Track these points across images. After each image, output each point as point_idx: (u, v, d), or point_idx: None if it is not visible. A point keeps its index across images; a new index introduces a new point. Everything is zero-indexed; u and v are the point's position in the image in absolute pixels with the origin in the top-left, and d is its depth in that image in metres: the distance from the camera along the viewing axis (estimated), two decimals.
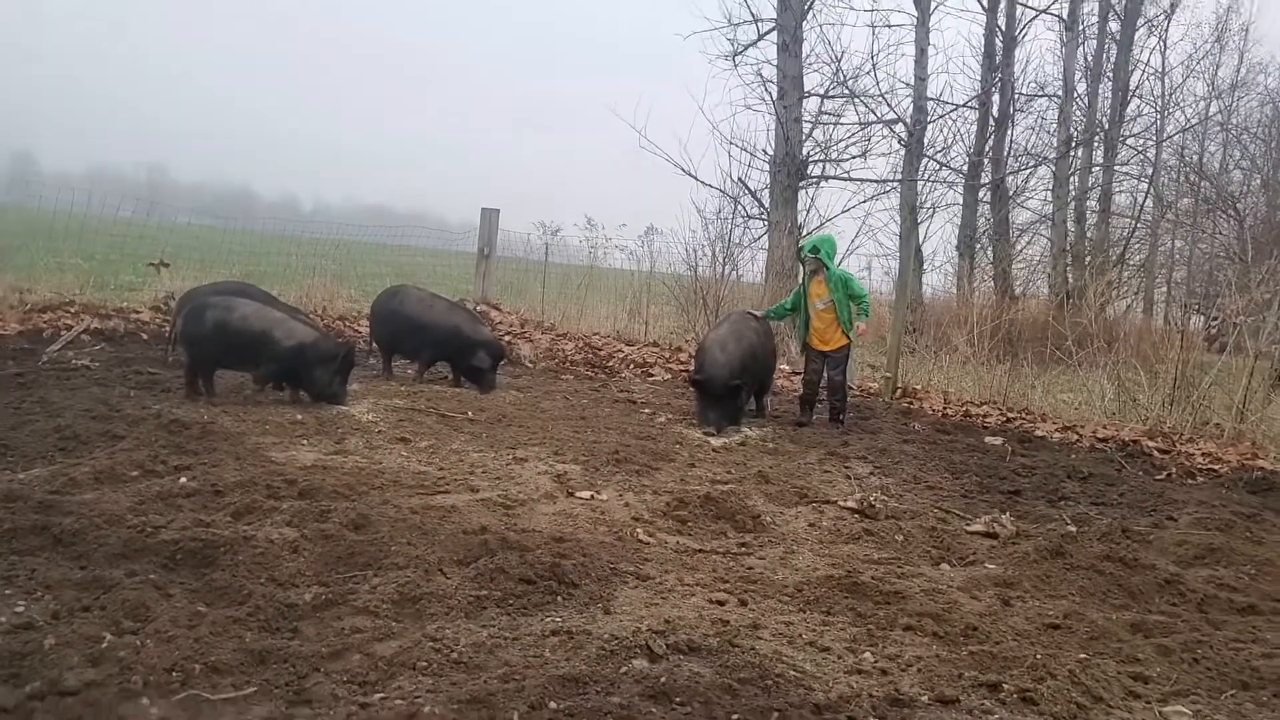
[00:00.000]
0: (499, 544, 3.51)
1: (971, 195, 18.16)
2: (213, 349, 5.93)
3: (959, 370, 10.29)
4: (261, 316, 6.07)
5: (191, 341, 5.95)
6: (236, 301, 6.19)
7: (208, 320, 5.90)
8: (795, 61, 13.94)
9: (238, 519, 3.57)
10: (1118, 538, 4.44)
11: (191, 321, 5.94)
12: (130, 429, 4.73)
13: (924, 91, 15.60)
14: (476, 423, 6.03)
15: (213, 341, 5.89)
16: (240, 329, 5.93)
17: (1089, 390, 9.29)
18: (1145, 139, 20.34)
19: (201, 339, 5.90)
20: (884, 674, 2.82)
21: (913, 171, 15.71)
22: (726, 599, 3.33)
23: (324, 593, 2.98)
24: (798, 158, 13.89)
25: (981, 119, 18.15)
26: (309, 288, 11.24)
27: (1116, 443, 7.46)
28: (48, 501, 3.47)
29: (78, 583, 2.82)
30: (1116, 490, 5.87)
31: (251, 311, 6.08)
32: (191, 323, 5.94)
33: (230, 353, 5.98)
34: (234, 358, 6.05)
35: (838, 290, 7.33)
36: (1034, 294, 17.19)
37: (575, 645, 2.77)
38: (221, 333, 5.88)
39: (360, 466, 4.61)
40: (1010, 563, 4.07)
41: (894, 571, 3.83)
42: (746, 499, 4.68)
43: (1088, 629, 3.28)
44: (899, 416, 8.09)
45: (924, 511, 4.90)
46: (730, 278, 12.69)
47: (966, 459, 6.45)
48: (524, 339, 10.36)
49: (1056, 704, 2.67)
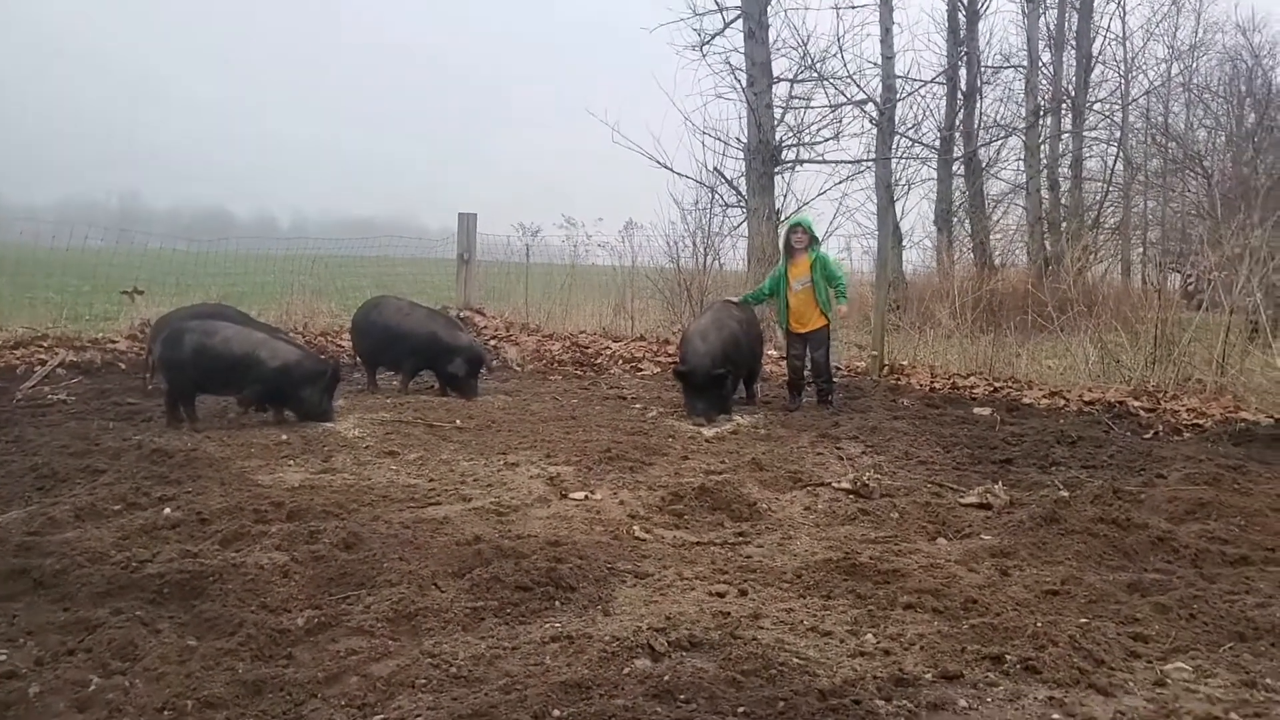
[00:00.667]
0: (493, 553, 3.47)
1: (945, 169, 18.20)
2: (194, 374, 5.85)
3: (944, 344, 10.31)
4: (244, 338, 5.99)
5: (171, 367, 5.86)
6: (216, 324, 6.11)
7: (187, 345, 5.81)
8: (762, 48, 13.90)
9: (225, 547, 3.52)
10: (1110, 499, 4.45)
11: (170, 347, 5.85)
12: (111, 462, 4.66)
13: (892, 70, 15.61)
14: (465, 430, 5.99)
15: (194, 366, 5.81)
16: (222, 352, 5.85)
17: (1073, 355, 9.32)
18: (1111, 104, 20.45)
19: (182, 364, 5.81)
20: (887, 654, 2.80)
21: (886, 150, 15.71)
22: (726, 590, 3.31)
23: (317, 616, 2.93)
24: (771, 143, 13.85)
25: (950, 93, 18.18)
26: (288, 305, 11.15)
27: (1103, 405, 7.49)
28: (26, 543, 3.40)
29: (61, 625, 2.76)
30: (1105, 452, 5.88)
31: (233, 334, 6.00)
32: (170, 348, 5.84)
33: (213, 377, 5.90)
34: (217, 382, 5.96)
35: (816, 270, 7.32)
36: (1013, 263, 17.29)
37: (576, 650, 2.73)
38: (202, 357, 5.80)
39: (349, 484, 4.56)
40: (1006, 532, 4.06)
41: (891, 550, 3.82)
42: (741, 488, 4.66)
43: (1086, 593, 3.27)
44: (887, 394, 8.09)
45: (917, 487, 4.89)
46: (712, 267, 12.66)
47: (956, 431, 6.45)
48: (510, 342, 10.31)
49: (1059, 670, 2.66)
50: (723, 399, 6.80)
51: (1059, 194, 19.12)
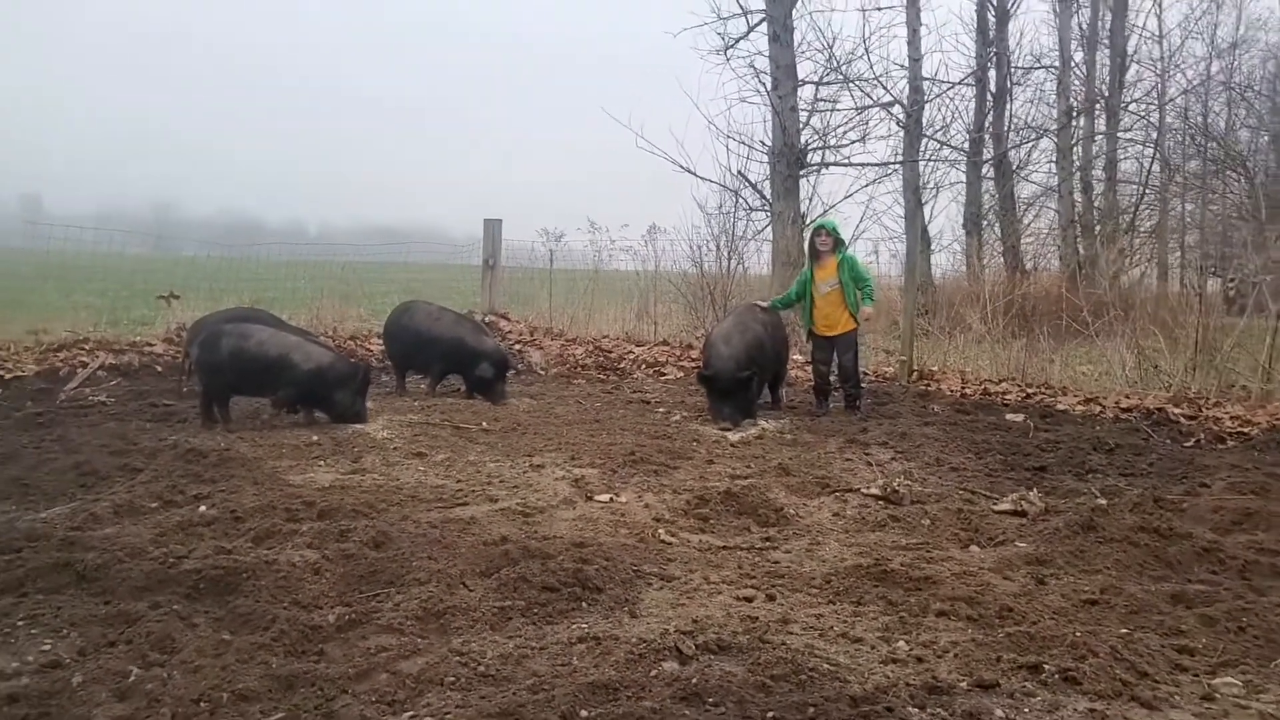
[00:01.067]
0: (520, 553, 3.47)
1: (974, 172, 18.03)
2: (230, 376, 5.93)
3: (975, 349, 10.21)
4: (278, 341, 6.07)
5: (208, 370, 5.94)
6: (252, 328, 6.19)
7: (223, 348, 5.89)
8: (787, 51, 13.84)
9: (258, 544, 3.56)
10: (1150, 508, 4.36)
11: (207, 350, 5.93)
12: (148, 461, 4.73)
13: (919, 72, 15.49)
14: (491, 433, 6.01)
15: (230, 369, 5.88)
16: (257, 355, 5.92)
17: (1109, 361, 9.19)
18: (1147, 104, 20.12)
19: (218, 366, 5.89)
20: (920, 661, 2.77)
21: (913, 152, 15.59)
22: (754, 595, 3.29)
23: (348, 613, 2.95)
24: (796, 146, 13.78)
25: (979, 95, 18.01)
26: (318, 310, 11.27)
27: (1141, 412, 7.37)
28: (70, 538, 3.47)
29: (103, 618, 2.81)
30: (1145, 460, 5.79)
31: (268, 337, 6.08)
32: (207, 351, 5.92)
33: (248, 379, 5.98)
34: (252, 384, 6.04)
35: (844, 271, 7.27)
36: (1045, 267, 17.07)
37: (603, 651, 2.73)
38: (238, 359, 5.87)
39: (378, 484, 4.59)
40: (1041, 540, 4.01)
41: (923, 557, 3.78)
42: (768, 492, 4.64)
43: (1127, 603, 3.21)
44: (917, 399, 8.01)
45: (949, 494, 4.84)
46: (736, 271, 12.63)
47: (989, 438, 6.37)
48: (534, 346, 10.34)
49: (1100, 682, 2.61)
50: (748, 403, 6.76)
51: (1092, 196, 18.89)
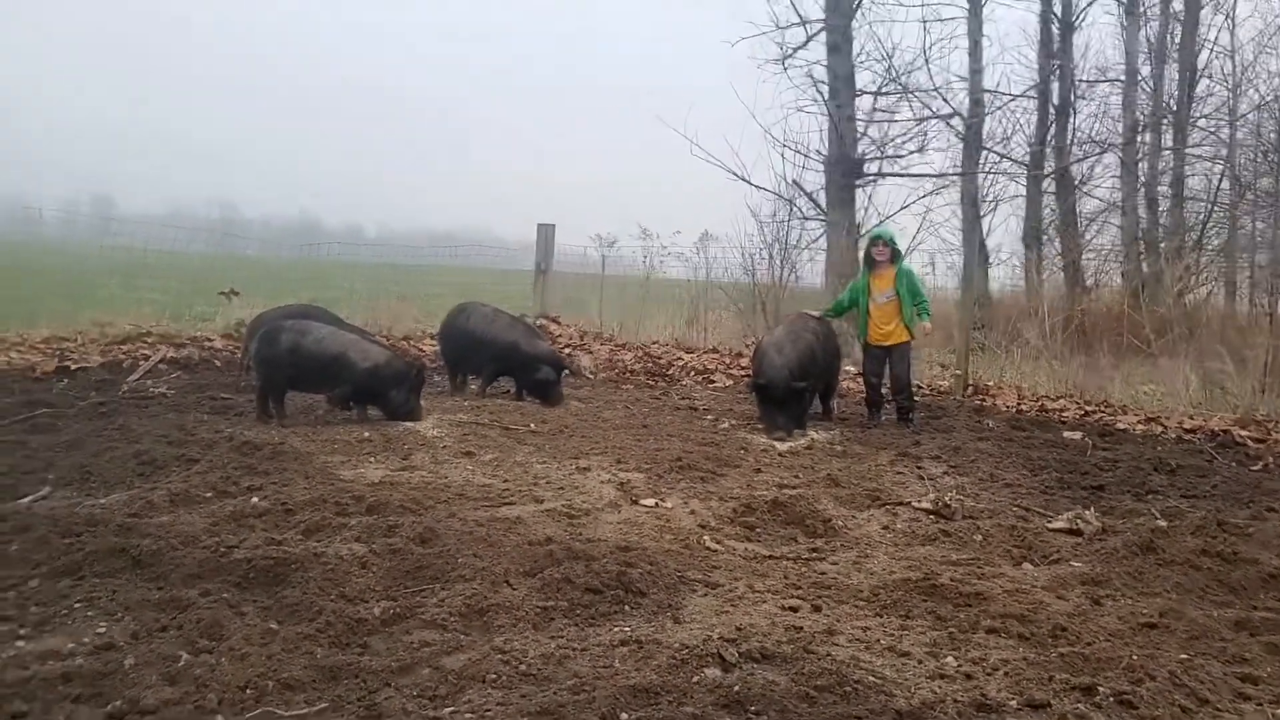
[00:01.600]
0: (565, 554, 3.47)
1: (1035, 186, 17.69)
2: (288, 371, 6.03)
3: (1032, 365, 10.01)
4: (336, 339, 6.16)
5: (266, 365, 6.05)
6: (310, 324, 6.29)
7: (282, 343, 5.99)
8: (846, 61, 13.75)
9: (308, 537, 3.60)
10: (1214, 531, 4.23)
11: (266, 345, 6.04)
12: (204, 452, 4.82)
13: (979, 83, 15.26)
14: (539, 434, 6.03)
15: (288, 364, 5.99)
16: (315, 352, 6.02)
17: (1172, 381, 8.94)
18: (1217, 120, 19.56)
19: (276, 362, 6.00)
20: (968, 678, 2.71)
21: (972, 164, 15.36)
22: (799, 605, 3.24)
23: (392, 607, 2.97)
24: (853, 156, 13.67)
25: (1041, 108, 17.68)
26: (374, 310, 11.45)
27: (1205, 433, 7.16)
28: (127, 524, 3.55)
29: (156, 603, 2.86)
30: (1209, 482, 5.61)
31: (326, 334, 6.18)
32: (266, 346, 6.03)
33: (305, 375, 6.07)
34: (309, 380, 6.14)
35: (902, 283, 7.18)
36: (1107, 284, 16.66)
37: (645, 655, 2.71)
38: (296, 355, 5.97)
39: (426, 481, 4.63)
40: (1098, 560, 3.90)
41: (974, 572, 3.70)
42: (816, 503, 4.58)
43: (1187, 628, 3.11)
44: (972, 414, 7.87)
45: (1002, 510, 4.74)
46: (789, 281, 12.54)
47: (1045, 455, 6.23)
48: (583, 350, 10.37)
49: (1158, 707, 2.52)
50: (801, 413, 6.69)
51: (1158, 213, 18.41)
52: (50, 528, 3.42)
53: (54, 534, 3.36)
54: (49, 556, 3.18)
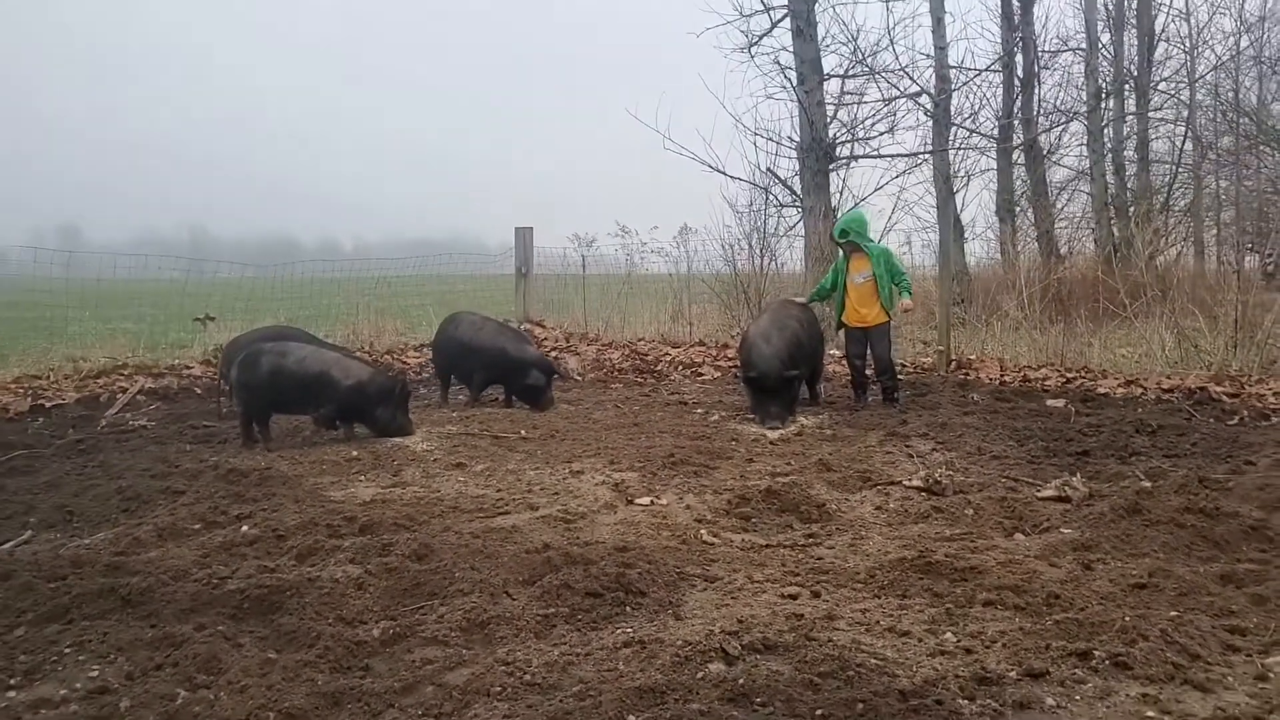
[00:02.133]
0: (562, 560, 3.47)
1: (1005, 159, 17.80)
2: (270, 395, 5.98)
3: (1012, 336, 10.08)
4: (318, 358, 6.11)
5: (248, 389, 6.00)
6: (290, 346, 6.24)
7: (263, 367, 5.94)
8: (811, 45, 13.76)
9: (301, 561, 3.58)
10: (1196, 488, 4.28)
11: (246, 370, 5.98)
12: (190, 483, 4.78)
13: (945, 60, 15.30)
14: (530, 440, 6.02)
15: (270, 387, 5.94)
16: (297, 372, 5.97)
17: (1148, 342, 9.03)
18: (1177, 82, 19.77)
19: (258, 386, 5.95)
20: (968, 653, 2.73)
21: (943, 141, 15.41)
22: (799, 592, 3.26)
23: (392, 627, 2.96)
24: (824, 141, 13.69)
25: (1007, 81, 17.77)
26: (355, 325, 11.39)
27: (1182, 392, 7.24)
28: (114, 563, 3.50)
29: (149, 641, 2.83)
30: (1188, 440, 5.68)
31: (308, 354, 6.13)
32: (246, 371, 5.97)
33: (288, 397, 6.02)
34: (293, 402, 6.09)
35: (879, 264, 7.21)
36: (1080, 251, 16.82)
37: (649, 655, 2.71)
38: (278, 378, 5.92)
39: (419, 496, 4.61)
40: (1087, 525, 3.94)
41: (967, 547, 3.73)
42: (809, 489, 4.60)
43: (1175, 585, 3.15)
44: (956, 389, 7.92)
45: (992, 482, 4.78)
46: (770, 268, 12.57)
47: (1030, 424, 6.28)
48: (570, 352, 10.37)
49: (1151, 666, 2.56)
50: (793, 401, 6.71)
51: (1125, 178, 18.57)
52: (34, 573, 3.36)
53: (38, 579, 3.30)
54: (34, 602, 3.13)
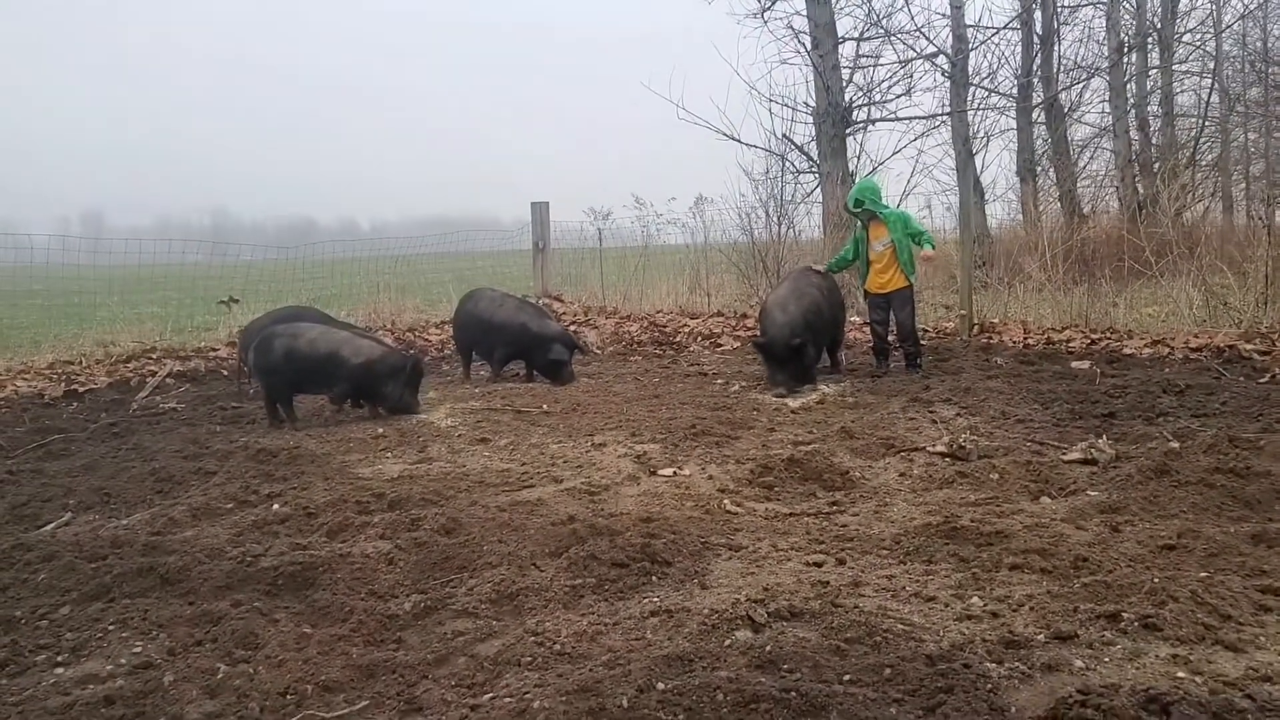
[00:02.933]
0: (588, 531, 3.50)
1: (1025, 118, 17.54)
2: (288, 376, 6.06)
3: (1035, 298, 10.00)
4: (328, 338, 6.18)
5: (265, 372, 6.09)
6: (301, 326, 6.31)
7: (277, 349, 6.02)
8: (825, 8, 13.62)
9: (332, 538, 3.64)
10: (1225, 448, 4.24)
11: (262, 353, 6.07)
12: (221, 464, 4.86)
13: (961, 19, 15.10)
14: (552, 415, 6.05)
15: (285, 369, 6.02)
16: (309, 353, 6.04)
17: (1175, 300, 8.92)
18: (1202, 33, 19.33)
19: (274, 368, 6.03)
20: (995, 616, 2.74)
21: (961, 102, 15.24)
22: (824, 560, 3.27)
23: (423, 600, 3.01)
24: (841, 105, 13.58)
25: (1025, 38, 17.48)
26: (376, 304, 11.46)
27: (1211, 350, 7.16)
28: (151, 543, 3.58)
29: (188, 618, 2.89)
30: (1217, 399, 5.62)
31: (318, 334, 6.19)
32: (262, 354, 6.06)
33: (303, 377, 6.11)
34: (308, 382, 6.17)
35: (897, 230, 7.16)
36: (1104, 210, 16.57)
37: (676, 623, 2.74)
38: (292, 359, 6.00)
39: (445, 472, 4.66)
40: (1114, 487, 3.92)
41: (993, 511, 3.72)
42: (832, 457, 4.61)
43: (1205, 546, 3.13)
44: (979, 353, 7.88)
45: (1017, 446, 4.76)
46: (787, 236, 12.50)
47: (1055, 387, 6.24)
48: (589, 326, 10.39)
49: (1182, 627, 2.55)
50: (805, 369, 6.70)
51: (1149, 133, 18.25)
52: (76, 553, 3.45)
53: (80, 559, 3.39)
54: (78, 582, 3.21)
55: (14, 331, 11.54)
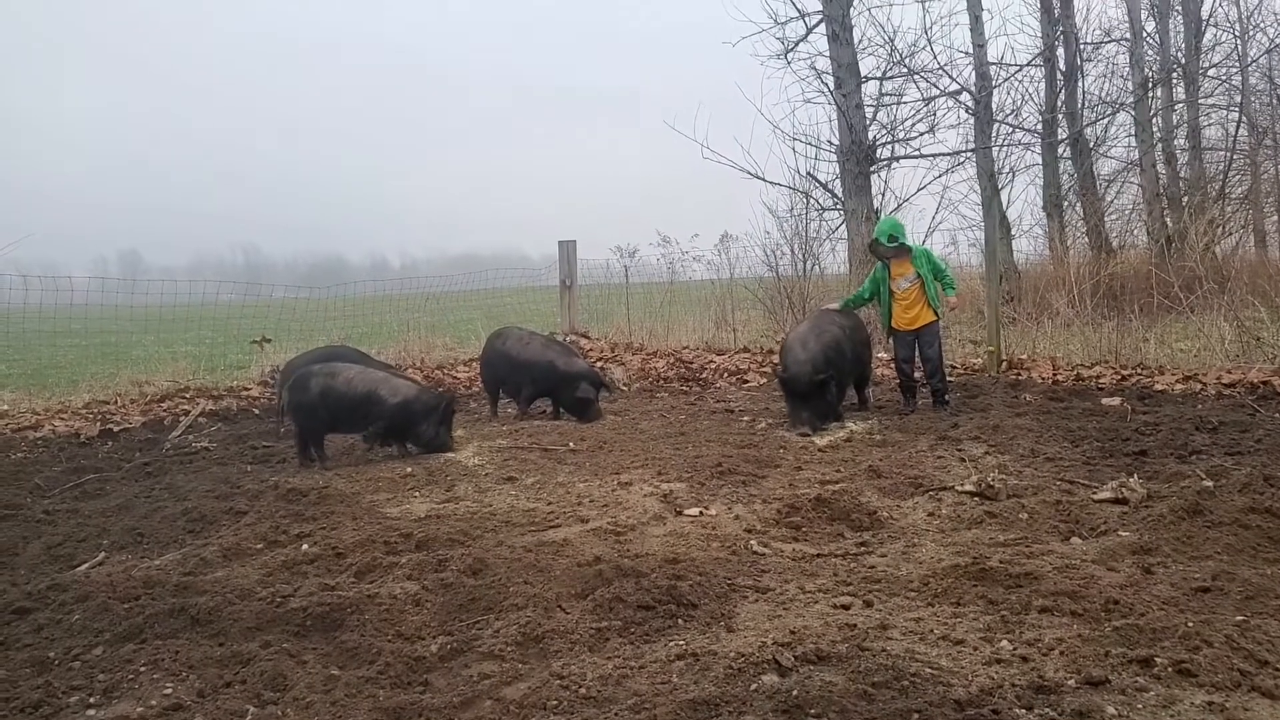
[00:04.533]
0: (614, 573, 3.50)
1: (1050, 153, 17.51)
2: (322, 415, 6.12)
3: (1064, 334, 9.92)
4: (365, 378, 6.25)
5: (300, 411, 6.15)
6: (338, 366, 6.39)
7: (313, 389, 6.09)
8: (848, 49, 13.73)
9: (360, 579, 3.66)
10: (1260, 487, 4.18)
11: (298, 392, 6.13)
12: (251, 503, 4.91)
13: (984, 57, 15.17)
14: (579, 453, 6.07)
15: (321, 408, 6.08)
16: (346, 393, 6.11)
17: (1206, 335, 8.82)
18: (1228, 67, 19.28)
19: (310, 408, 6.09)
20: (1025, 661, 2.71)
21: (985, 139, 15.25)
22: (851, 602, 3.25)
23: (449, 642, 3.02)
24: (864, 143, 13.64)
25: (1049, 75, 17.51)
26: (406, 342, 11.58)
27: (1245, 386, 7.06)
28: (183, 583, 3.63)
29: (218, 659, 2.92)
30: (1251, 437, 5.54)
31: (355, 374, 6.27)
32: (299, 393, 6.13)
33: (339, 416, 6.17)
34: (344, 421, 6.23)
35: (921, 264, 7.15)
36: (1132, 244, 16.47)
37: (702, 667, 2.74)
38: (328, 398, 6.07)
39: (472, 511, 4.69)
40: (1145, 528, 3.87)
41: (1022, 552, 3.69)
42: (860, 496, 4.59)
43: (1241, 589, 3.09)
44: (1007, 390, 7.82)
45: (1046, 485, 4.71)
46: (813, 273, 12.51)
47: (1084, 424, 6.18)
48: (615, 363, 10.42)
49: (1217, 673, 2.51)
50: (827, 406, 6.66)
51: (1177, 167, 18.15)
52: (109, 594, 3.49)
53: (113, 600, 3.44)
54: (110, 623, 3.26)
55: (52, 371, 11.77)
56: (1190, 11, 18.22)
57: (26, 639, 3.20)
